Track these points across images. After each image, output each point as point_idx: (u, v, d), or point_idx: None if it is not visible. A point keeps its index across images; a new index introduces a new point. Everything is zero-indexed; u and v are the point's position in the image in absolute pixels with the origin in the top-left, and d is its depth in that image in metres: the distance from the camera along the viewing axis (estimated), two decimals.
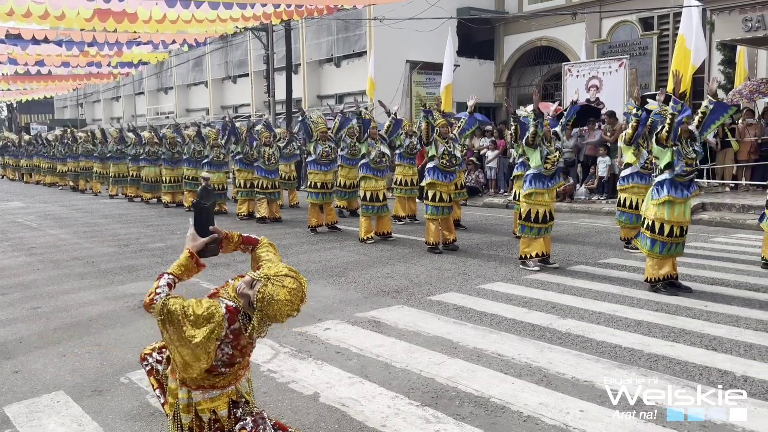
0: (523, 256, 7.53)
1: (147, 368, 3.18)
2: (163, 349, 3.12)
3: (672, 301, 5.90)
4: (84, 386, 4.10)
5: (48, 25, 12.92)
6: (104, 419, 3.60)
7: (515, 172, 9.55)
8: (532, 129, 7.40)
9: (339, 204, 12.47)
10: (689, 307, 5.69)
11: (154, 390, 3.18)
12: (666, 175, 6.09)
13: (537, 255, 7.50)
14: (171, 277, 2.76)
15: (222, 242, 2.96)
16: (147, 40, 16.10)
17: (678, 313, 5.49)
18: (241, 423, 2.85)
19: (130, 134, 17.22)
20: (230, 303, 2.63)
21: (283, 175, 13.49)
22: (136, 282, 7.12)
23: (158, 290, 2.67)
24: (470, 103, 10.72)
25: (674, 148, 6.03)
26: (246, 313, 2.61)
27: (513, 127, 8.37)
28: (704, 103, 6.28)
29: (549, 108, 17.03)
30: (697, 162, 6.26)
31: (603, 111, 15.42)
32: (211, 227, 2.91)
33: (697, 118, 6.28)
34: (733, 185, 13.61)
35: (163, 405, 3.14)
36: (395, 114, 10.92)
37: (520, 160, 8.98)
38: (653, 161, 6.42)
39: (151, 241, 10.13)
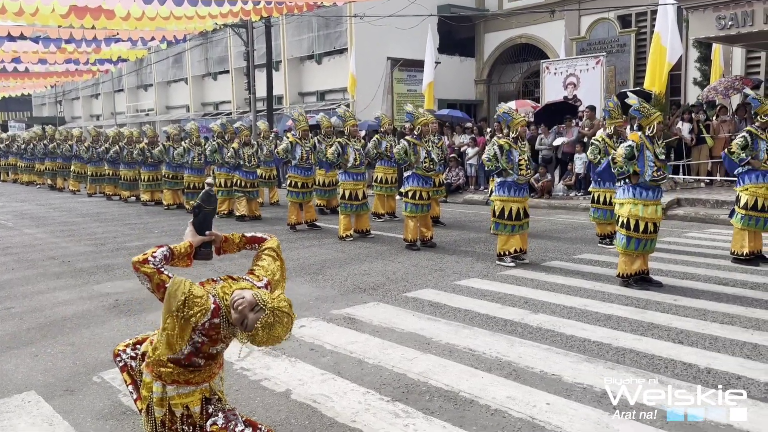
0: (501, 253, 7.59)
1: (120, 364, 3.20)
2: (138, 345, 3.14)
3: (642, 295, 6.00)
4: (56, 386, 4.09)
5: (23, 21, 12.78)
6: (75, 418, 3.61)
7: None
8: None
9: (319, 202, 12.49)
10: (659, 301, 5.79)
11: (127, 386, 3.20)
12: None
13: (515, 251, 7.56)
14: (169, 251, 2.77)
15: (222, 246, 3.03)
16: (126, 37, 15.95)
17: (648, 308, 5.60)
18: (213, 419, 2.89)
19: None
20: (218, 302, 2.66)
21: (262, 174, 13.46)
22: (113, 281, 7.09)
23: (154, 254, 2.68)
24: None
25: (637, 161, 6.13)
26: (227, 319, 2.65)
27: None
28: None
29: (527, 106, 17.23)
30: (663, 168, 6.29)
31: (582, 107, 15.61)
32: (207, 231, 2.97)
33: None
34: (707, 181, 13.82)
35: (135, 400, 3.17)
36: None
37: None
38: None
39: (129, 240, 10.07)
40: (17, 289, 6.82)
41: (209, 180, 3.15)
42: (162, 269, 2.63)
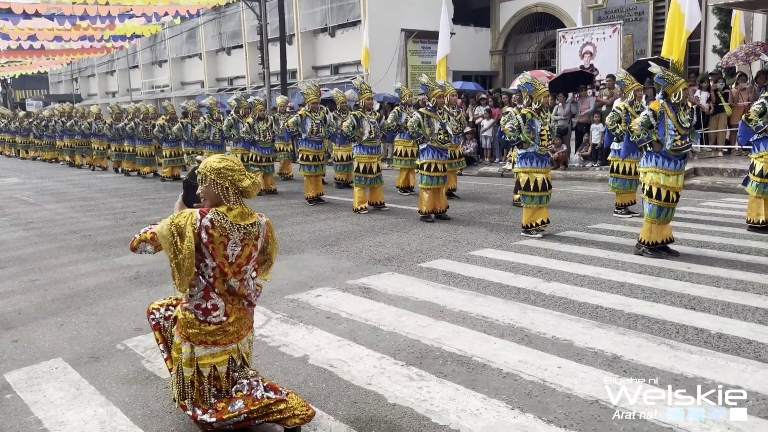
0: (528, 225, 7.58)
1: (153, 323, 3.33)
2: (171, 308, 3.26)
3: (656, 263, 6.02)
4: (81, 353, 4.24)
5: None
6: (101, 384, 3.74)
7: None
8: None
9: (338, 177, 12.55)
10: (672, 269, 5.81)
11: (158, 344, 3.33)
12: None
13: (542, 222, 7.57)
14: (152, 226, 3.01)
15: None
16: (140, 12, 16.01)
17: (661, 275, 5.62)
18: (237, 386, 3.01)
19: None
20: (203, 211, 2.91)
21: (281, 147, 13.48)
22: (132, 254, 7.22)
23: (139, 232, 2.99)
24: None
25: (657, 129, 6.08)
26: (219, 212, 2.88)
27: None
28: None
29: (542, 76, 17.04)
30: (691, 135, 6.20)
31: (599, 76, 15.43)
32: (195, 204, 3.07)
33: None
34: (725, 150, 13.66)
35: (165, 360, 3.31)
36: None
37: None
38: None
39: (147, 214, 10.24)
40: (40, 262, 7.00)
41: (199, 158, 3.23)
42: (147, 230, 2.94)
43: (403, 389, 3.49)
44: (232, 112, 13.07)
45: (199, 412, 2.99)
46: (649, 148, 6.23)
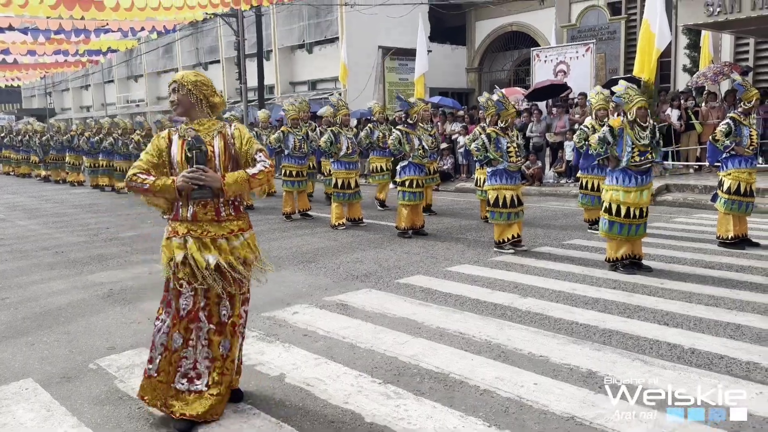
0: (500, 241, 7.66)
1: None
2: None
3: (630, 279, 6.11)
4: (53, 373, 4.15)
5: (11, 12, 12.70)
6: (73, 404, 3.67)
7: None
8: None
9: (327, 191, 12.54)
10: (646, 284, 5.90)
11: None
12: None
13: (512, 236, 7.63)
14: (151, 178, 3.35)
15: (223, 187, 3.24)
16: (116, 27, 15.87)
17: (635, 291, 5.70)
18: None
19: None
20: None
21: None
22: (106, 271, 7.14)
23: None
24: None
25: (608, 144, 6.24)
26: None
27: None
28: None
29: (517, 93, 17.28)
30: (653, 152, 6.30)
31: (573, 94, 15.71)
32: (197, 166, 3.24)
33: None
34: (696, 167, 13.95)
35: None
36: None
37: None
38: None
39: (122, 230, 10.11)
40: (11, 279, 6.86)
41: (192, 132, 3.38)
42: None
43: (380, 407, 3.48)
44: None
45: None
46: (606, 164, 6.39)
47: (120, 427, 3.37)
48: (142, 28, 16.25)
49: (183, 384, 3.32)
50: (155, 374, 3.35)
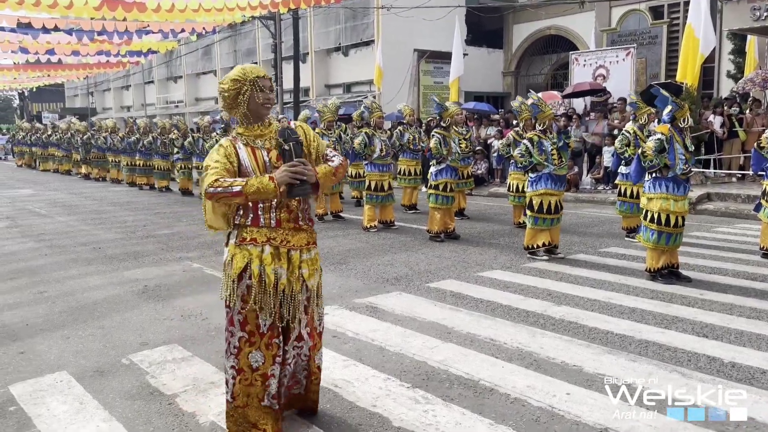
0: (531, 246, 7.52)
1: None
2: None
3: (668, 289, 5.94)
4: (86, 367, 4.22)
5: (57, 14, 13.06)
6: (105, 398, 3.72)
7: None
8: None
9: (354, 194, 12.58)
10: (685, 295, 5.73)
11: None
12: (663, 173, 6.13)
13: (543, 244, 7.50)
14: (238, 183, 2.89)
15: (318, 180, 2.94)
16: (156, 29, 16.18)
17: (673, 301, 5.55)
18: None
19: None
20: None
21: None
22: (142, 268, 7.25)
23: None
24: None
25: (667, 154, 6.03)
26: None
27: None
28: None
29: (554, 98, 17.07)
30: (691, 160, 6.20)
31: (613, 99, 15.45)
32: (297, 159, 2.88)
33: None
34: (739, 176, 13.55)
35: None
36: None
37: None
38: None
39: (158, 228, 10.27)
40: (50, 274, 7.01)
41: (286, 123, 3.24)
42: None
43: (408, 412, 3.44)
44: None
45: None
46: (656, 174, 6.16)
47: (150, 423, 3.40)
48: (182, 30, 16.55)
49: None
50: None
